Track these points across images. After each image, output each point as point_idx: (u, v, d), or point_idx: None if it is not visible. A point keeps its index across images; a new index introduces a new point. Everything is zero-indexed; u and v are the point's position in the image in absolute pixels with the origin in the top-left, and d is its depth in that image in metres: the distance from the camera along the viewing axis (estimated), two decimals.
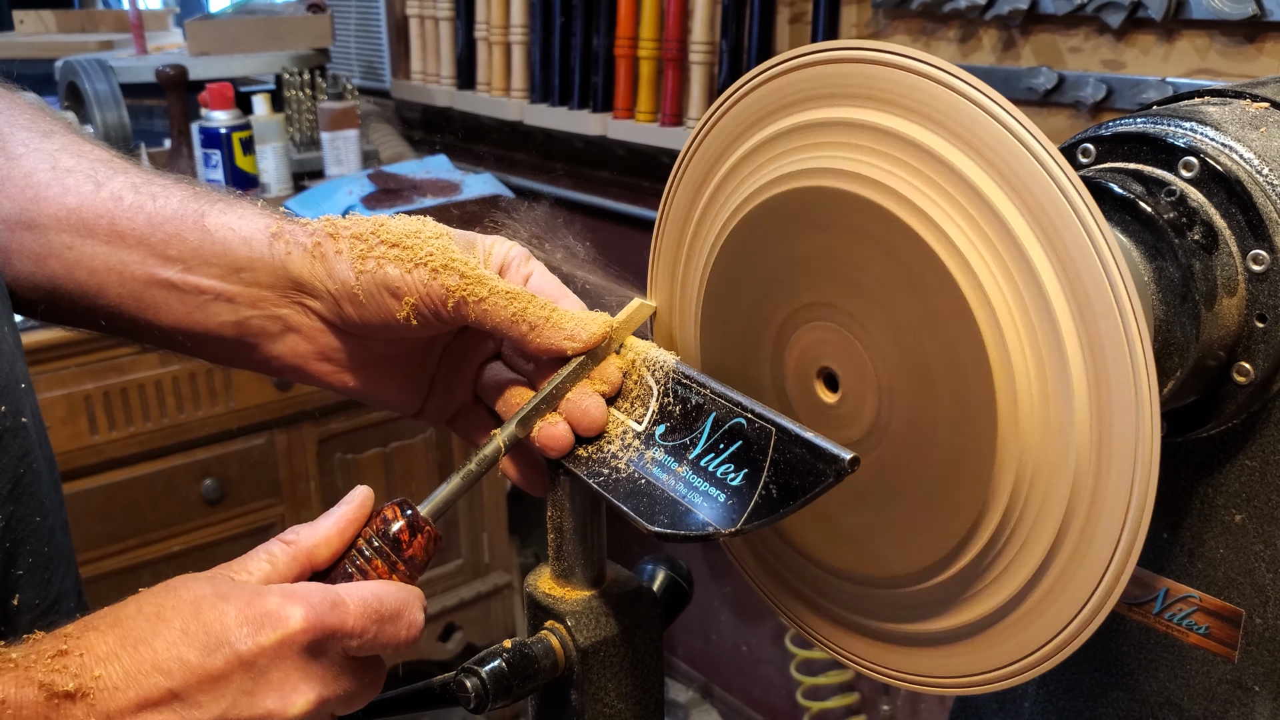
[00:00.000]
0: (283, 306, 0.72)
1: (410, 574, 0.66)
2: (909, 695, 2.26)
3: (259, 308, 0.72)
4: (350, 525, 0.65)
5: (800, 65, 0.63)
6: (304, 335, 0.73)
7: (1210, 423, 0.67)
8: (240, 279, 0.72)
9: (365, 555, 0.65)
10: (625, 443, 0.68)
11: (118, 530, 2.12)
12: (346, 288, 0.70)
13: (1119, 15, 1.58)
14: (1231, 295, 0.64)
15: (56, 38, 2.96)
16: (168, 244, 0.71)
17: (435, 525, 0.67)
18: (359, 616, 0.61)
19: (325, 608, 0.60)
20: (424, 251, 0.69)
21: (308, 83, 2.68)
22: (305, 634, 0.59)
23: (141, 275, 0.72)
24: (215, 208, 0.73)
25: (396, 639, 0.63)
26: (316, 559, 0.64)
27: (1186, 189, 0.65)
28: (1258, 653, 0.68)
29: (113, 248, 0.72)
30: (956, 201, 0.56)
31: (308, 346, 0.73)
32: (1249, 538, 0.67)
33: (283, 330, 0.73)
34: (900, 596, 0.64)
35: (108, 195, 0.72)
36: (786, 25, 2.10)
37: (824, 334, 0.64)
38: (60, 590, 0.74)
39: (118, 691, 0.56)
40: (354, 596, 0.61)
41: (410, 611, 0.63)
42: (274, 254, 0.71)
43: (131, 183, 0.73)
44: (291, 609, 0.59)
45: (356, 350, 0.74)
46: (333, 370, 0.74)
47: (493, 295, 0.68)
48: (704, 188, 0.70)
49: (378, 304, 0.69)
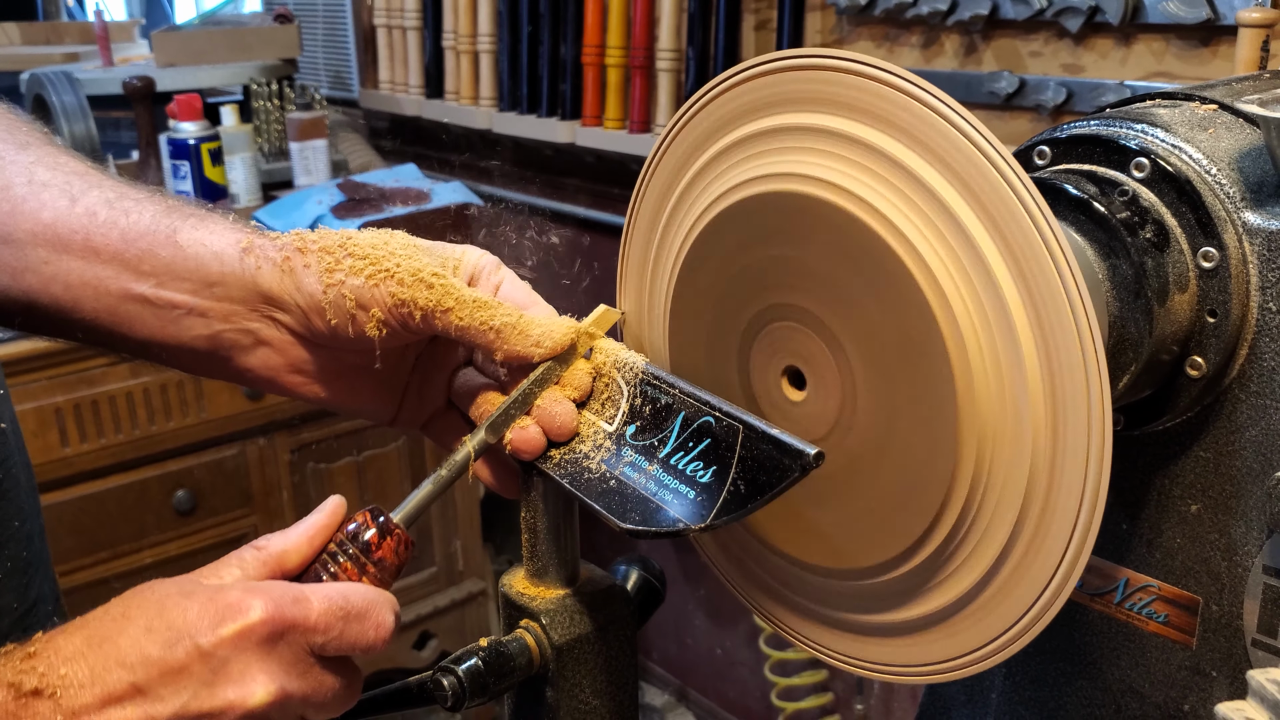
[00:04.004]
0: (253, 320, 0.73)
1: (381, 577, 0.67)
2: (882, 694, 2.28)
3: (231, 321, 0.73)
4: (321, 533, 0.67)
5: (764, 72, 0.65)
6: (275, 348, 0.74)
7: (1166, 416, 0.69)
8: (212, 294, 0.72)
9: (336, 560, 0.66)
10: (597, 443, 0.69)
11: (90, 542, 2.11)
12: (315, 301, 0.71)
13: (1078, 20, 1.61)
14: (1183, 291, 0.66)
15: (22, 50, 2.94)
16: (141, 260, 0.72)
17: (408, 531, 0.67)
18: (323, 613, 0.62)
19: (287, 601, 0.61)
20: (391, 263, 0.70)
21: (276, 93, 2.68)
22: (264, 625, 0.60)
23: (116, 290, 0.73)
24: (187, 223, 0.74)
25: (364, 639, 0.64)
26: (286, 565, 0.65)
27: (1138, 189, 0.67)
28: (1214, 639, 0.70)
29: (88, 263, 0.72)
30: (914, 204, 0.58)
31: (279, 359, 0.74)
32: (1204, 527, 0.69)
33: (254, 343, 0.74)
34: (866, 588, 0.66)
35: (82, 211, 0.73)
36: (752, 32, 2.12)
37: (789, 334, 0.66)
38: (39, 594, 0.75)
39: (83, 689, 0.57)
40: (318, 593, 0.63)
41: (378, 612, 0.64)
42: (244, 269, 0.72)
43: (106, 198, 0.74)
44: (252, 601, 0.60)
45: (328, 361, 0.75)
46: (304, 381, 0.75)
47: (459, 305, 0.69)
48: (670, 193, 0.72)
49: (345, 317, 0.70)
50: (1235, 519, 0.67)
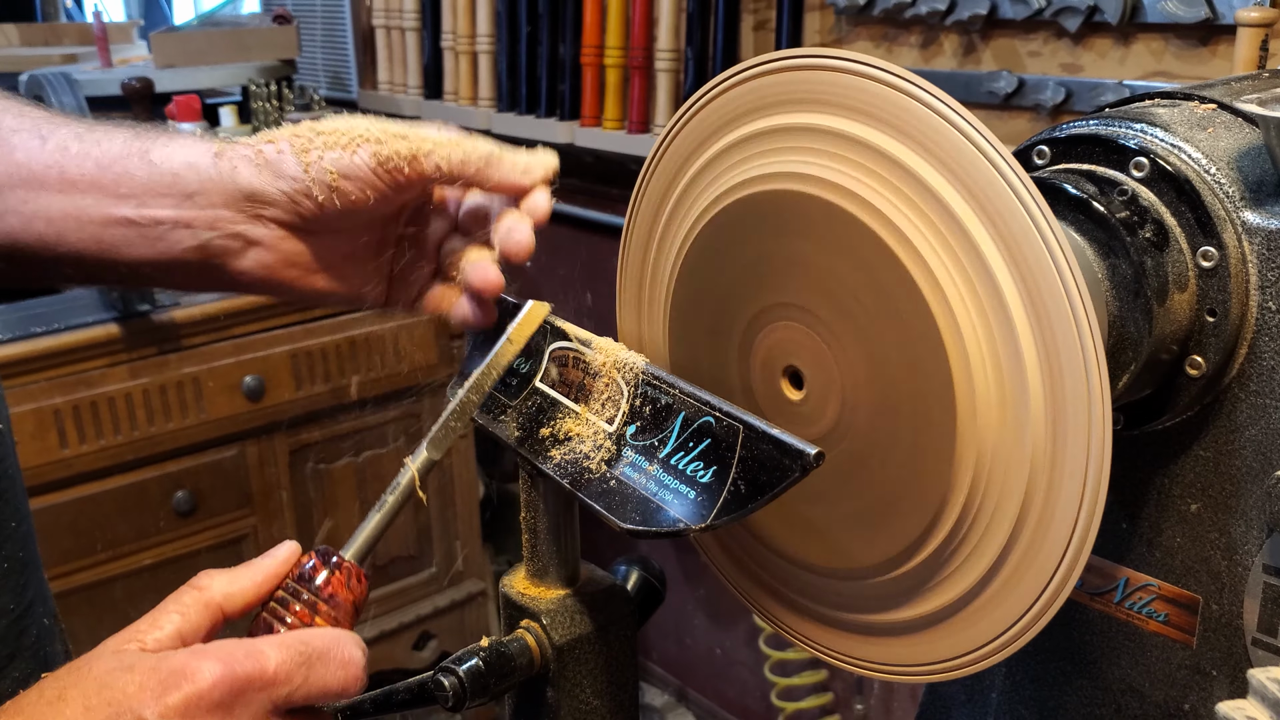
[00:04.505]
0: (240, 223, 0.74)
1: (337, 616, 0.64)
2: (882, 694, 2.28)
3: (217, 228, 0.73)
4: (269, 578, 0.64)
5: (763, 73, 0.65)
6: (266, 246, 0.74)
7: (1165, 415, 0.69)
8: (194, 203, 0.73)
9: (285, 605, 0.63)
10: (597, 443, 0.69)
11: (89, 544, 2.11)
12: (299, 184, 0.72)
13: (1076, 19, 1.61)
14: (1182, 291, 0.66)
15: (20, 51, 2.94)
16: (118, 183, 0.73)
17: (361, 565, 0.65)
18: (281, 661, 0.58)
19: (239, 656, 0.57)
20: (361, 128, 0.72)
21: (274, 94, 2.68)
22: (217, 687, 0.56)
23: (98, 217, 0.73)
24: (157, 142, 0.75)
25: (333, 681, 0.60)
26: (229, 608, 0.62)
27: (1138, 188, 0.67)
28: (1214, 638, 0.70)
29: (66, 196, 0.73)
30: (914, 204, 0.58)
31: (272, 256, 0.75)
32: (1204, 526, 0.69)
33: (245, 245, 0.74)
34: (867, 587, 0.66)
35: (54, 147, 0.74)
36: (751, 32, 2.12)
37: (789, 334, 0.66)
38: (34, 595, 0.74)
39: None
40: (272, 642, 0.59)
41: (341, 648, 0.61)
42: (220, 172, 0.73)
43: (75, 132, 0.75)
44: (201, 663, 0.56)
45: (320, 250, 0.75)
46: (300, 275, 0.76)
47: (439, 146, 0.71)
48: (670, 193, 0.72)
49: (333, 191, 0.71)
50: (1235, 518, 0.67)
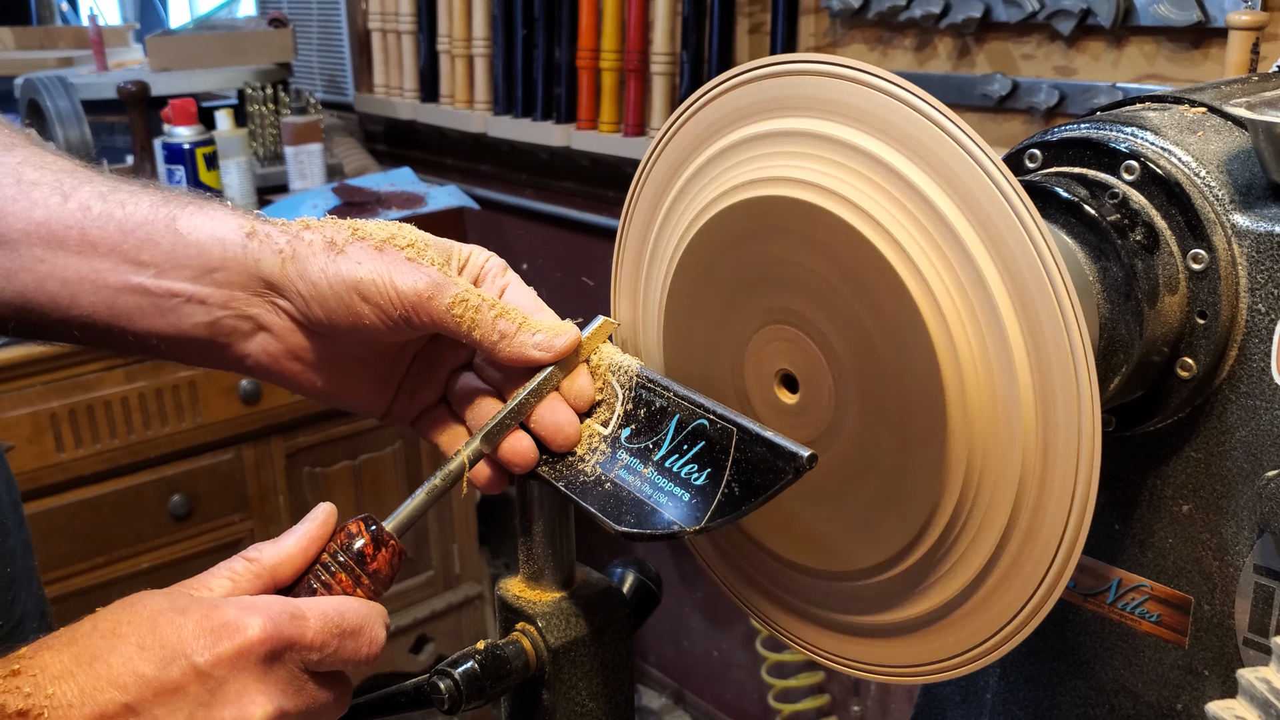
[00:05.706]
0: (254, 306, 0.73)
1: (375, 589, 0.66)
2: (879, 696, 2.29)
3: (230, 308, 0.73)
4: (313, 542, 0.65)
5: (757, 77, 0.65)
6: (275, 334, 0.73)
7: (1157, 417, 0.69)
8: (213, 279, 0.72)
9: (330, 571, 0.65)
10: (592, 446, 0.70)
11: (85, 548, 2.11)
12: (317, 290, 0.70)
13: (1070, 22, 1.61)
14: (1173, 293, 0.67)
15: (16, 55, 2.94)
16: (140, 249, 0.72)
17: (400, 540, 0.67)
18: (319, 630, 0.61)
19: (284, 619, 0.60)
20: (408, 238, 0.69)
21: (270, 97, 2.68)
22: (263, 644, 0.59)
23: (115, 283, 0.72)
24: (186, 210, 0.73)
25: (358, 655, 0.63)
26: (279, 576, 0.64)
27: (1128, 191, 0.68)
28: (1206, 638, 0.70)
29: (84, 257, 0.72)
30: (906, 209, 0.59)
31: (278, 345, 0.74)
32: (1196, 527, 0.70)
33: (254, 329, 0.73)
34: (861, 589, 0.66)
35: (75, 206, 0.73)
36: (746, 36, 2.13)
37: (782, 337, 0.66)
38: (24, 611, 0.74)
39: (72, 709, 0.55)
40: (315, 610, 0.61)
41: (372, 628, 0.64)
42: (247, 254, 0.72)
43: (98, 191, 0.74)
44: (250, 619, 0.59)
45: (327, 350, 0.74)
46: (302, 370, 0.75)
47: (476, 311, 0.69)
48: (665, 195, 0.72)
49: (346, 307, 0.70)
50: (1226, 519, 0.68)
